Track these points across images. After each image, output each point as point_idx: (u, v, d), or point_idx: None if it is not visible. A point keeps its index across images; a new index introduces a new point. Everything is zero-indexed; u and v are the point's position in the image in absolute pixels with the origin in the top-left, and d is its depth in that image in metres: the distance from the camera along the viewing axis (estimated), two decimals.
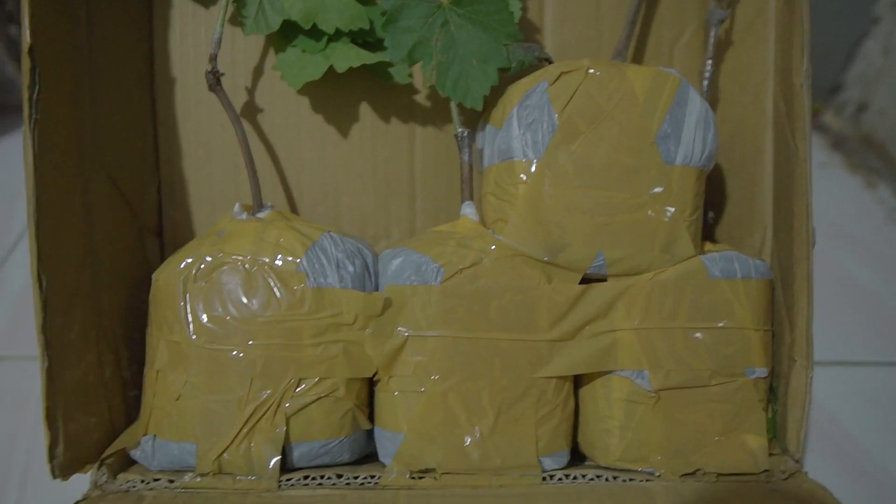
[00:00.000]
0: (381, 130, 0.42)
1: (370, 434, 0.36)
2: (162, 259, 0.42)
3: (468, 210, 0.37)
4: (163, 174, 0.42)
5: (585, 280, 0.34)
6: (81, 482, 0.42)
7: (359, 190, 0.42)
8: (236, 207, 0.37)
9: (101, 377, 0.35)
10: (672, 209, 0.34)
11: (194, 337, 0.33)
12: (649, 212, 0.34)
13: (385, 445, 0.34)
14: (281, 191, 0.42)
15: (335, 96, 0.42)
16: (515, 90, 0.36)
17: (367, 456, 0.36)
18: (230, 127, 0.41)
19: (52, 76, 0.32)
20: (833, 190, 0.60)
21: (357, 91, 0.42)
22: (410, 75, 0.40)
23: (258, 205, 0.37)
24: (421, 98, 0.42)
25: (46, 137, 0.32)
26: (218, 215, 0.42)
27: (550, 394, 0.34)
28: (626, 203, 0.34)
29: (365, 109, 0.42)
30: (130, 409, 0.37)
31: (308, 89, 0.41)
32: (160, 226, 0.42)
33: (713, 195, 0.42)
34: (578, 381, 0.36)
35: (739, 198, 0.41)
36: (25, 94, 0.31)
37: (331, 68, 0.38)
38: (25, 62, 0.31)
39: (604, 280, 0.35)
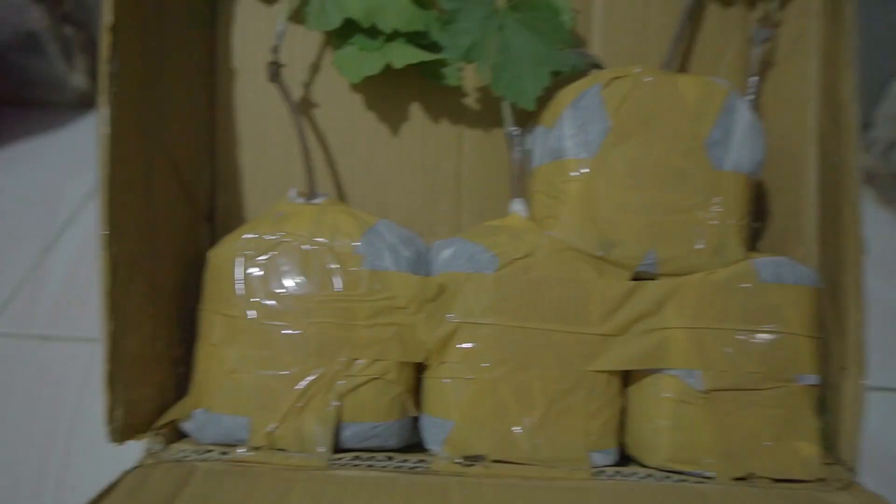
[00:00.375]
0: (430, 130, 0.43)
1: (415, 423, 0.36)
2: (212, 243, 0.43)
3: (518, 206, 0.38)
4: (218, 161, 0.43)
5: (635, 278, 0.35)
6: (119, 462, 0.42)
7: (407, 187, 0.43)
8: (292, 192, 0.38)
9: (153, 351, 0.36)
10: (722, 212, 0.35)
11: (251, 312, 0.33)
12: (700, 213, 0.35)
13: (433, 432, 0.35)
14: (331, 184, 0.43)
15: (387, 96, 0.43)
16: (568, 92, 0.37)
17: (411, 445, 0.36)
18: (285, 118, 0.42)
19: (127, 54, 0.34)
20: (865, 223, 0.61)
21: (408, 92, 0.43)
22: (461, 78, 0.41)
23: (312, 192, 0.38)
24: (470, 101, 0.43)
25: (119, 111, 0.33)
26: (269, 204, 0.43)
27: (601, 388, 0.34)
28: (677, 204, 0.35)
29: (415, 109, 0.43)
30: (179, 385, 0.38)
31: (361, 88, 0.43)
32: (212, 211, 0.43)
33: (756, 209, 0.43)
34: (626, 380, 0.36)
35: (782, 212, 0.42)
36: (106, 69, 0.33)
37: (386, 66, 0.39)
38: (106, 38, 0.33)
39: (653, 278, 0.35)
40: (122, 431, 0.33)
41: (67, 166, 0.70)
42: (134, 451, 0.40)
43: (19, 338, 0.51)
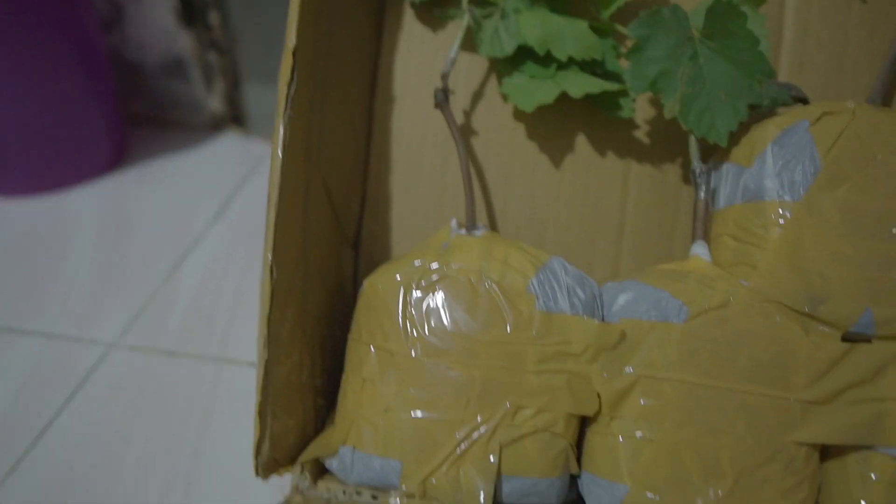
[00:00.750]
0: (595, 164, 0.40)
1: (573, 480, 0.33)
2: (356, 271, 0.42)
3: (700, 250, 0.34)
4: (368, 188, 0.42)
5: (847, 339, 0.31)
6: (244, 484, 0.40)
7: (565, 223, 0.41)
8: (453, 223, 0.36)
9: (299, 380, 0.35)
10: None
11: (412, 348, 0.31)
12: None
13: (597, 494, 0.31)
14: (485, 216, 0.41)
15: (551, 126, 0.41)
16: (769, 127, 0.33)
17: None
18: (441, 148, 0.41)
19: (301, 78, 0.33)
20: None
21: (573, 122, 0.41)
22: (634, 109, 0.39)
23: (472, 224, 0.36)
24: (640, 134, 0.40)
25: (291, 134, 0.33)
26: (416, 234, 0.41)
27: (800, 462, 0.30)
28: None
29: (580, 141, 0.41)
30: (318, 417, 0.36)
31: (523, 118, 0.41)
32: (358, 238, 0.42)
33: None
34: (823, 455, 0.32)
35: None
36: (284, 91, 0.32)
37: (560, 95, 0.37)
38: (287, 61, 0.32)
39: (868, 341, 0.31)
40: (267, 466, 0.31)
41: (199, 187, 0.72)
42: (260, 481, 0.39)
43: (148, 352, 0.51)
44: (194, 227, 0.65)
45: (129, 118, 0.82)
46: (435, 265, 0.32)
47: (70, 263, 0.60)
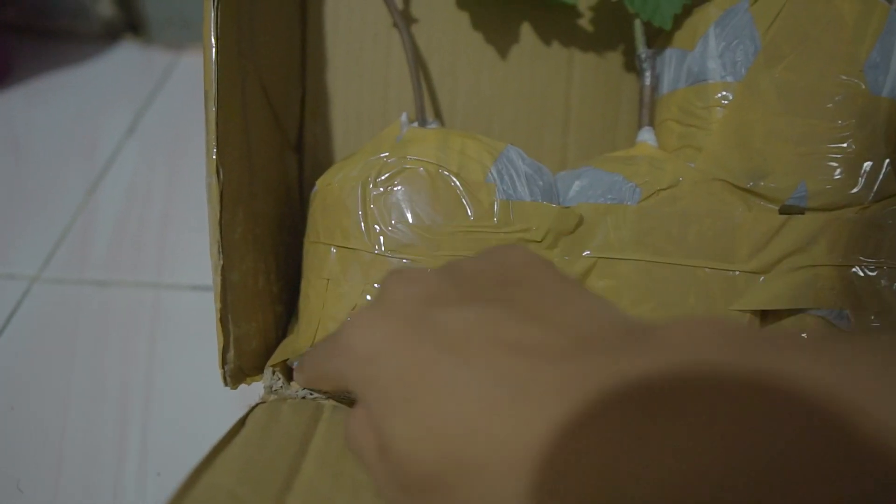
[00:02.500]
0: (540, 53, 0.41)
1: None
2: (301, 175, 0.42)
3: (647, 136, 0.36)
4: (307, 87, 0.41)
5: (783, 212, 0.34)
6: (203, 407, 0.41)
7: (512, 117, 0.41)
8: (404, 117, 0.36)
9: (256, 286, 0.35)
10: (878, 146, 0.33)
11: (374, 244, 0.32)
12: (855, 143, 0.33)
13: None
14: (431, 112, 0.41)
15: (495, 15, 0.40)
16: (710, 9, 0.35)
17: None
18: (382, 40, 0.40)
19: None
20: None
21: (518, 10, 0.41)
22: None
23: (423, 118, 0.36)
24: (584, 22, 0.41)
25: (222, 25, 0.31)
26: (363, 136, 0.41)
27: None
28: (830, 133, 0.33)
29: (525, 30, 0.41)
30: (278, 324, 0.37)
31: (467, 5, 0.40)
32: (300, 141, 0.41)
33: None
34: (763, 320, 0.35)
35: None
36: None
37: None
38: None
39: (802, 212, 0.34)
40: (234, 375, 0.31)
41: (99, 104, 0.67)
42: (215, 399, 0.39)
43: (76, 283, 0.49)
44: (103, 147, 0.61)
45: (4, 28, 0.74)
46: (392, 159, 0.32)
47: None
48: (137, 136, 0.63)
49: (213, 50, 0.30)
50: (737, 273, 0.33)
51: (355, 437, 0.20)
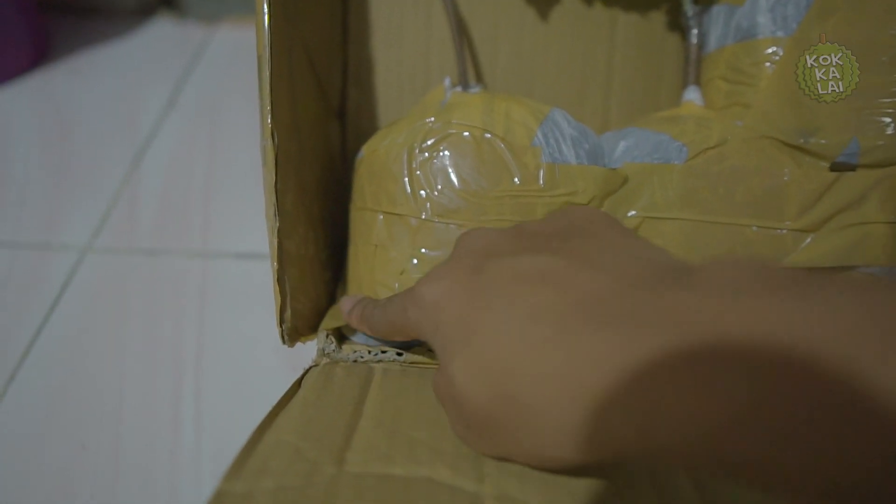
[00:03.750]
0: (581, 14, 0.41)
1: None
2: (343, 143, 0.43)
3: (693, 95, 0.36)
4: (349, 54, 0.42)
5: (834, 169, 0.34)
6: (253, 374, 0.43)
7: (554, 77, 0.42)
8: (447, 81, 0.36)
9: (308, 253, 0.36)
10: None
11: (422, 210, 0.33)
12: None
13: None
14: (473, 76, 0.42)
15: None
16: None
17: None
18: (422, 5, 0.41)
19: None
20: None
21: None
22: None
23: (465, 81, 0.37)
24: None
25: None
26: (405, 102, 0.42)
27: None
28: (884, 88, 0.33)
29: None
30: (328, 290, 0.38)
31: None
32: (343, 108, 0.42)
33: None
34: None
35: None
36: None
37: None
38: None
39: (853, 169, 0.34)
40: (291, 334, 0.33)
41: (138, 78, 0.69)
42: (262, 361, 0.41)
43: (127, 252, 0.51)
44: (145, 120, 0.63)
45: (43, 7, 0.77)
46: (437, 124, 0.33)
47: (17, 169, 0.58)
48: (177, 109, 0.65)
49: (266, 15, 0.31)
50: (785, 231, 0.33)
51: (437, 384, 0.22)
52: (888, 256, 0.33)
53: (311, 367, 0.31)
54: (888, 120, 0.33)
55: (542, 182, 0.33)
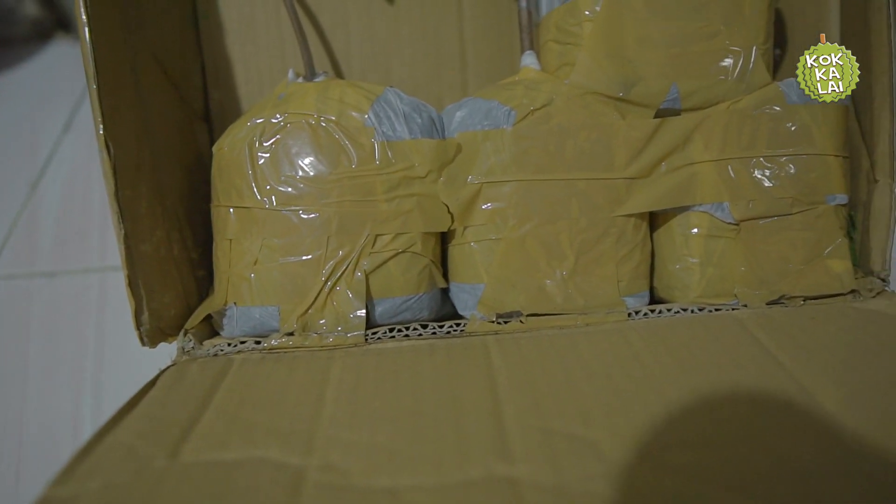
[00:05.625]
0: None
1: (445, 294, 0.38)
2: (211, 144, 0.44)
3: (530, 59, 0.38)
4: (205, 54, 0.44)
5: (659, 115, 0.36)
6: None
7: (409, 58, 0.44)
8: (290, 74, 0.38)
9: (170, 254, 0.38)
10: (745, 37, 0.35)
11: (266, 200, 0.35)
12: (722, 41, 0.35)
13: (465, 298, 0.37)
14: (328, 62, 0.44)
15: None
16: None
17: (443, 317, 0.38)
18: (270, 1, 0.42)
19: None
20: None
21: None
22: None
23: (311, 71, 0.39)
24: None
25: (99, 9, 0.34)
26: (266, 95, 0.43)
27: (630, 233, 0.36)
28: (698, 32, 0.35)
29: None
30: (200, 288, 0.40)
31: None
32: (207, 110, 0.44)
33: (776, 37, 0.43)
34: (652, 225, 0.38)
35: (804, 37, 0.42)
36: None
37: None
38: None
39: (678, 114, 0.36)
40: (151, 335, 0.35)
41: (36, 103, 0.70)
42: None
43: (25, 277, 0.53)
44: (42, 144, 0.65)
45: None
46: (274, 117, 0.35)
47: None
48: (74, 130, 0.66)
49: (87, 29, 0.33)
50: (618, 180, 0.35)
51: None
52: (714, 193, 0.35)
53: (167, 367, 0.33)
54: (705, 62, 0.35)
55: (377, 160, 0.35)
